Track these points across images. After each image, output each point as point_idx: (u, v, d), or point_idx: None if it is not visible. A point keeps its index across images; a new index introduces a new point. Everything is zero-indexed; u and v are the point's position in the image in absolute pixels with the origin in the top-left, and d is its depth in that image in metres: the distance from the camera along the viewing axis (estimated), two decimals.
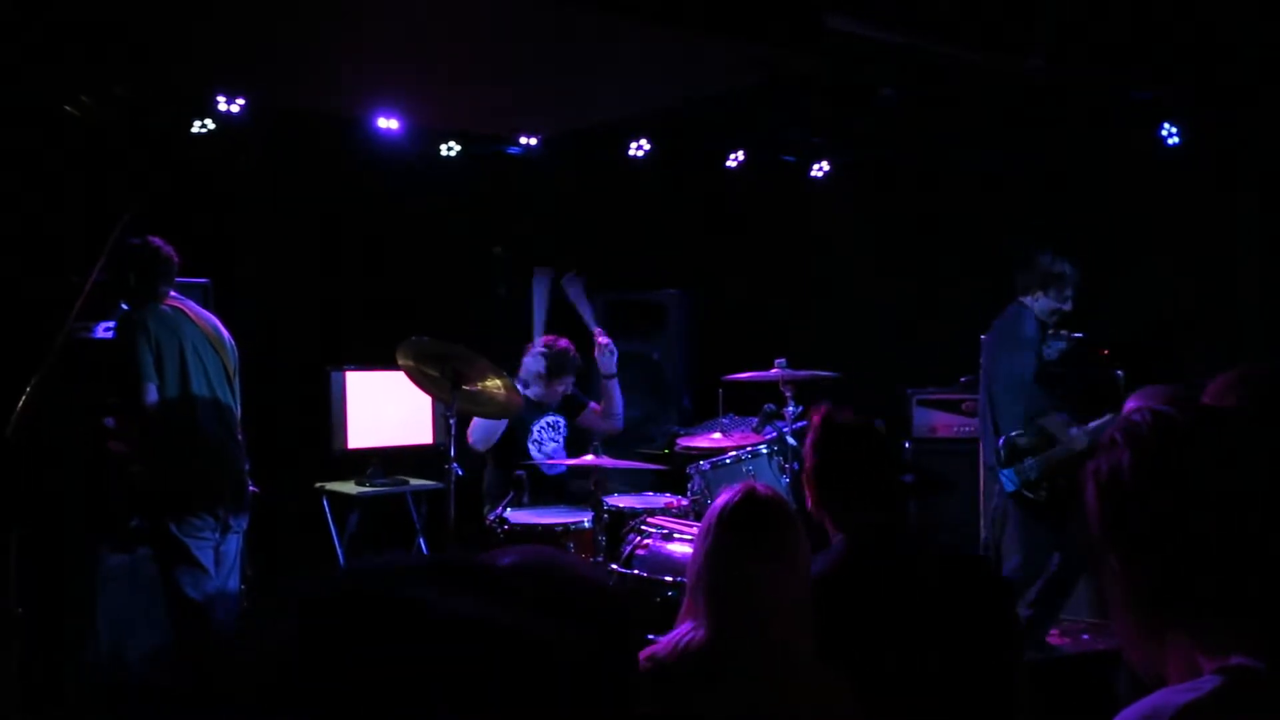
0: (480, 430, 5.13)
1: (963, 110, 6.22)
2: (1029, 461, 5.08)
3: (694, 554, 2.23)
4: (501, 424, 5.11)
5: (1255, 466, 1.18)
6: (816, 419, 2.59)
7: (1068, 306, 5.10)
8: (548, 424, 5.44)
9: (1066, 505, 5.05)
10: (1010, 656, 2.49)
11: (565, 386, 5.37)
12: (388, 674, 0.49)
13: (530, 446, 5.34)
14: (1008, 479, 5.13)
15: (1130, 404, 3.13)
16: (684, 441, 5.52)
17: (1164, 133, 6.05)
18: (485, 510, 5.08)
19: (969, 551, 5.03)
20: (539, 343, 5.37)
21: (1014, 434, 5.12)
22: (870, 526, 2.49)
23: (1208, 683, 1.13)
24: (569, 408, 5.53)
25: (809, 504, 2.61)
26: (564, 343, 5.33)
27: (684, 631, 2.17)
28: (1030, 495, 5.10)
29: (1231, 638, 1.16)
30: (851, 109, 6.33)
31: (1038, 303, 5.13)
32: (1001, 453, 5.14)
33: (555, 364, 5.26)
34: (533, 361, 5.29)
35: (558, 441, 5.47)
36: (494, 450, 5.24)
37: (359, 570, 0.58)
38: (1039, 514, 5.10)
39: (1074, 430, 5.01)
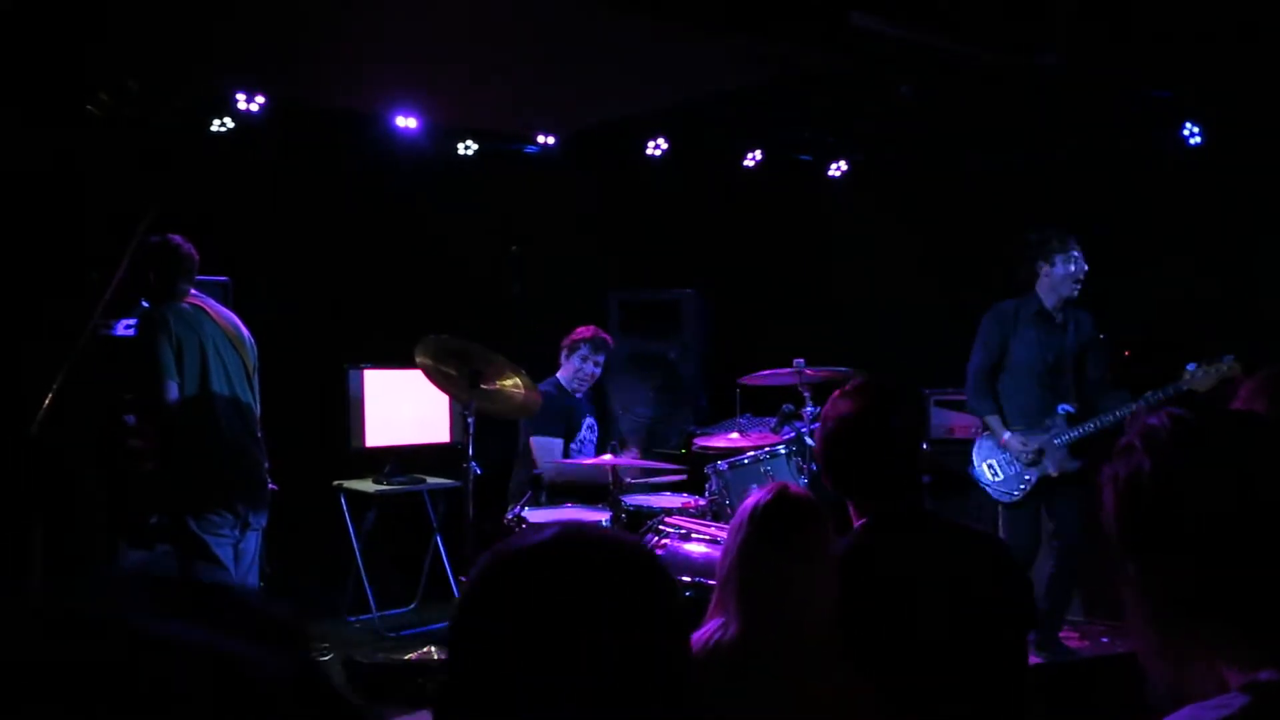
0: (549, 455, 5.16)
1: (980, 108, 6.19)
2: (1004, 457, 5.16)
3: (724, 552, 2.24)
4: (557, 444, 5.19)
5: (1277, 472, 1.15)
6: (825, 410, 2.52)
7: (1082, 266, 5.04)
8: (589, 425, 5.44)
9: (1046, 498, 5.11)
10: (1021, 635, 2.50)
11: (600, 369, 5.39)
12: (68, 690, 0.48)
13: (572, 448, 5.33)
14: (978, 476, 5.25)
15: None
16: (701, 441, 5.51)
17: (1185, 132, 6.01)
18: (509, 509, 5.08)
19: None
20: (582, 341, 5.37)
21: (984, 434, 5.25)
22: (887, 514, 2.45)
23: (1236, 700, 1.10)
24: (598, 410, 5.55)
25: (829, 484, 2.54)
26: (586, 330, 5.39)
27: (713, 628, 2.18)
28: (1003, 493, 5.18)
29: (1258, 651, 1.12)
30: (869, 107, 6.32)
31: (1055, 271, 5.09)
32: (974, 452, 5.29)
33: (596, 345, 5.34)
34: (582, 358, 5.32)
35: (594, 443, 5.47)
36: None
37: (58, 586, 0.56)
38: (1015, 509, 5.16)
39: (1007, 435, 5.08)
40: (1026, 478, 5.09)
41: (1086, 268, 5.08)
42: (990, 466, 5.21)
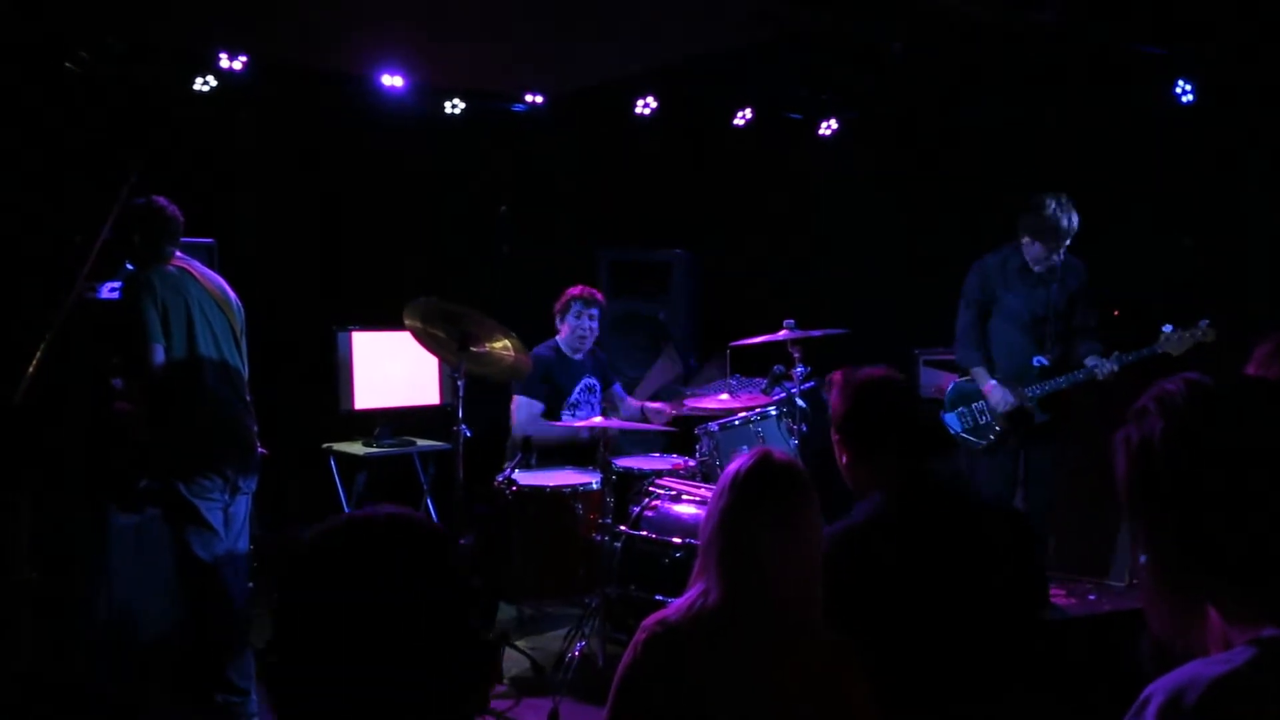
0: (530, 425, 5.20)
1: (972, 65, 6.14)
2: (977, 405, 5.20)
3: (707, 517, 2.23)
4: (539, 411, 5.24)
5: None
6: (838, 377, 2.63)
7: (1056, 259, 5.02)
8: (585, 387, 5.42)
9: (1016, 448, 5.16)
10: (1036, 610, 2.58)
11: (595, 323, 5.37)
12: None
13: (565, 412, 5.31)
14: (950, 422, 5.29)
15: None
16: (691, 403, 5.50)
17: (1178, 89, 5.97)
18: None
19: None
20: (572, 300, 5.36)
21: (963, 380, 5.31)
22: (906, 474, 2.53)
23: (1240, 655, 1.11)
24: (603, 373, 5.52)
25: (841, 462, 2.64)
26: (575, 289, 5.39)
27: (696, 594, 2.17)
28: (973, 440, 5.22)
29: (1263, 609, 1.14)
30: (860, 65, 6.25)
31: (1031, 248, 5.08)
32: (947, 397, 5.34)
33: (587, 300, 5.34)
34: (575, 316, 5.33)
35: (594, 405, 5.44)
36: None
37: None
38: (985, 454, 5.20)
39: (990, 383, 5.11)
40: (996, 428, 5.12)
41: (1066, 243, 5.02)
42: (961, 415, 5.26)
